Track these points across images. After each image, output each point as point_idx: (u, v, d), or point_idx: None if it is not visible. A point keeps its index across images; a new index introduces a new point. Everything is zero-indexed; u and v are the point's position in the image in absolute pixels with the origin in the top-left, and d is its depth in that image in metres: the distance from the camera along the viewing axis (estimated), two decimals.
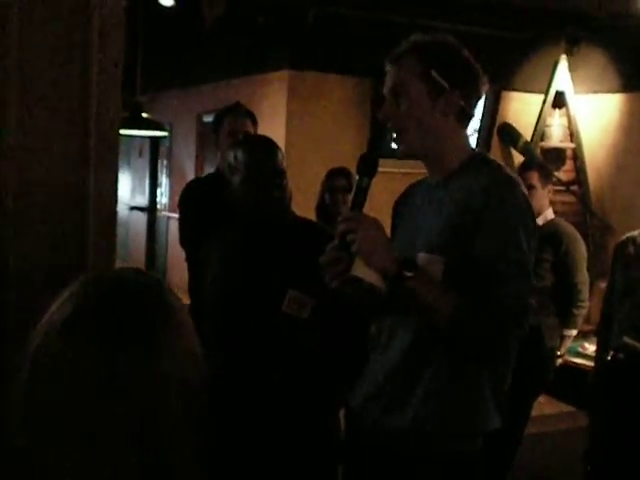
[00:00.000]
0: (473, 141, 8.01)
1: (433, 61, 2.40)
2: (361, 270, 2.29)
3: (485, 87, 2.48)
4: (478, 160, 2.49)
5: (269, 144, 3.03)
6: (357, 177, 2.42)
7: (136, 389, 1.04)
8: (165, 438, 1.06)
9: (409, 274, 2.26)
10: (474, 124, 7.96)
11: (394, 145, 2.52)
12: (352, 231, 2.29)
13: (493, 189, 2.33)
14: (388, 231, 2.51)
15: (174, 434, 1.06)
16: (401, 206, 2.67)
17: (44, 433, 1.05)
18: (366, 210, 2.40)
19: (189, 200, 4.33)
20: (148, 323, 1.08)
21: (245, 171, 2.89)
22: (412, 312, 2.35)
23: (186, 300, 4.53)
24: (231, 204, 3.00)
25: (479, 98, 2.48)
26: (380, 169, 2.41)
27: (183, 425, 1.07)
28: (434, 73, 2.38)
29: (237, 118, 4.30)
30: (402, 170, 2.81)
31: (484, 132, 8.11)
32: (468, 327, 2.25)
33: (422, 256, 2.35)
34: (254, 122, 4.35)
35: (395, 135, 2.47)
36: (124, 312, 1.08)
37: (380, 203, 3.01)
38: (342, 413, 3.23)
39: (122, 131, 4.50)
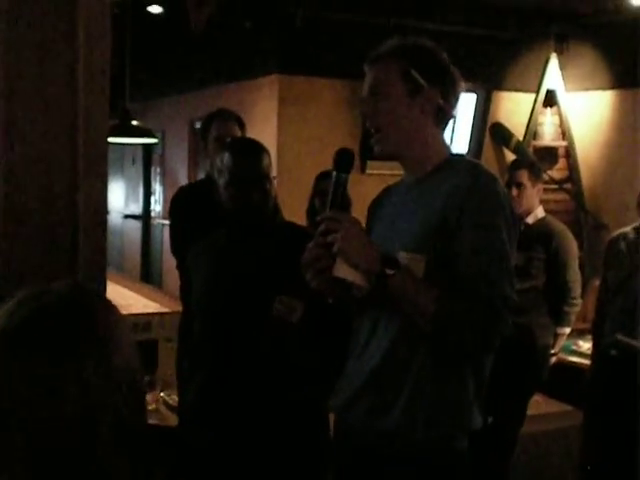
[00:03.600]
0: (465, 142, 8.02)
1: (412, 60, 2.41)
2: (343, 270, 2.28)
3: (462, 88, 2.49)
4: (455, 160, 2.50)
5: (254, 147, 3.03)
6: (334, 173, 2.38)
7: (59, 405, 1.03)
8: (95, 452, 1.05)
9: (391, 272, 2.25)
10: (466, 125, 7.97)
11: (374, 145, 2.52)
12: (333, 231, 2.28)
13: (472, 186, 2.33)
14: None
15: (105, 446, 1.05)
16: (376, 207, 2.65)
17: None
18: (356, 212, 2.39)
19: (179, 207, 4.32)
20: (74, 341, 1.07)
21: (228, 175, 2.89)
22: (393, 311, 2.34)
23: (179, 306, 4.53)
24: (219, 208, 3.00)
25: (457, 99, 2.49)
26: (372, 171, 2.42)
27: (116, 436, 1.06)
28: (413, 72, 2.39)
29: (224, 123, 4.28)
30: (393, 172, 2.80)
31: (476, 132, 8.12)
32: (451, 324, 2.24)
33: (402, 255, 2.33)
34: (242, 126, 4.34)
35: (374, 135, 2.47)
36: (49, 330, 1.07)
37: None
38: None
39: (112, 139, 4.51)
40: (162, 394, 4.59)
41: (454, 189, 2.33)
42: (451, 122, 2.55)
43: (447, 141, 2.57)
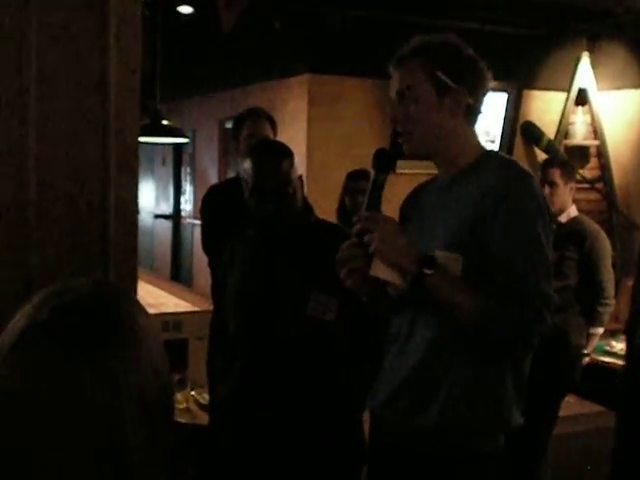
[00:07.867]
0: (496, 140, 7.98)
1: (437, 60, 2.40)
2: (380, 270, 2.28)
3: (491, 82, 2.47)
4: (490, 157, 2.48)
5: (274, 152, 2.96)
6: (372, 173, 2.37)
7: (86, 404, 1.02)
8: (125, 451, 1.04)
9: (429, 272, 2.24)
10: (496, 123, 7.93)
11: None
12: (369, 231, 2.27)
13: (508, 184, 2.32)
14: None
15: (135, 446, 1.04)
16: (410, 206, 2.65)
17: None
18: (386, 211, 2.38)
19: (210, 206, 4.34)
20: (99, 337, 1.06)
21: (251, 184, 2.88)
22: (432, 310, 2.34)
23: (210, 305, 4.54)
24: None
25: (485, 93, 2.48)
26: (402, 170, 2.40)
27: (145, 436, 1.05)
28: (439, 73, 2.38)
29: (256, 122, 4.28)
30: (423, 171, 2.78)
31: (507, 131, 8.08)
32: (491, 323, 2.23)
33: (439, 254, 2.32)
34: (273, 126, 4.34)
35: (404, 137, 2.46)
36: (73, 327, 1.06)
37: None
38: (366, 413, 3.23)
39: (143, 138, 4.52)
40: (193, 393, 4.61)
41: (489, 187, 2.33)
42: (484, 121, 2.53)
43: (480, 137, 2.55)
